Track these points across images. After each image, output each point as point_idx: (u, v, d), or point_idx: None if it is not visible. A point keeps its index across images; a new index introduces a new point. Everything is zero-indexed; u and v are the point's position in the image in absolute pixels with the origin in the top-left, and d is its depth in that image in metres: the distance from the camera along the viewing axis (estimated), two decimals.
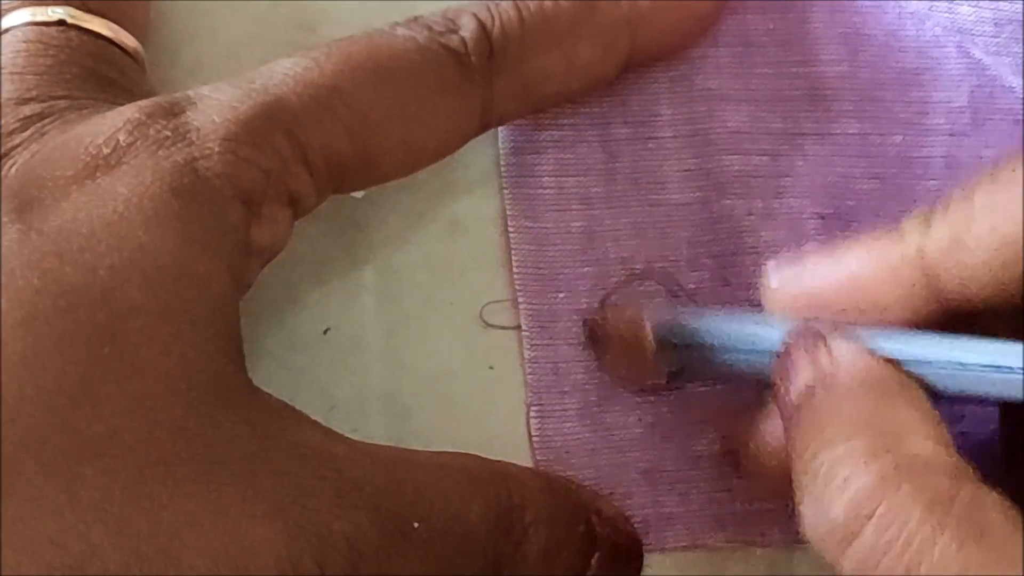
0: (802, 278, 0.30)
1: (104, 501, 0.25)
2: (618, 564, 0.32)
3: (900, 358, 0.28)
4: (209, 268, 0.28)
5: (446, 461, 0.30)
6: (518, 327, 0.35)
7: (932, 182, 0.36)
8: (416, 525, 0.28)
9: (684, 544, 0.34)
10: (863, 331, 0.29)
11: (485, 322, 0.35)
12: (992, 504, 0.25)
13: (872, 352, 0.28)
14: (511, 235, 0.36)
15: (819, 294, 0.30)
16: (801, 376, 0.29)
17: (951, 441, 0.27)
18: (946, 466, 0.26)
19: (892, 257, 0.29)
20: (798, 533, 0.34)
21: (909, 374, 0.28)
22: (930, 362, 0.28)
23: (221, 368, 0.27)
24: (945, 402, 0.28)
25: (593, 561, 0.31)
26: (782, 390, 0.29)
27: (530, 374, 0.35)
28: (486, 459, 0.31)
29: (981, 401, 0.29)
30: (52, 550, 0.24)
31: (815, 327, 0.29)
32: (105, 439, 0.25)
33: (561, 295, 0.35)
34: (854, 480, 0.26)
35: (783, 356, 0.29)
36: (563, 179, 0.36)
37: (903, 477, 0.26)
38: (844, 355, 0.28)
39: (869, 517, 0.26)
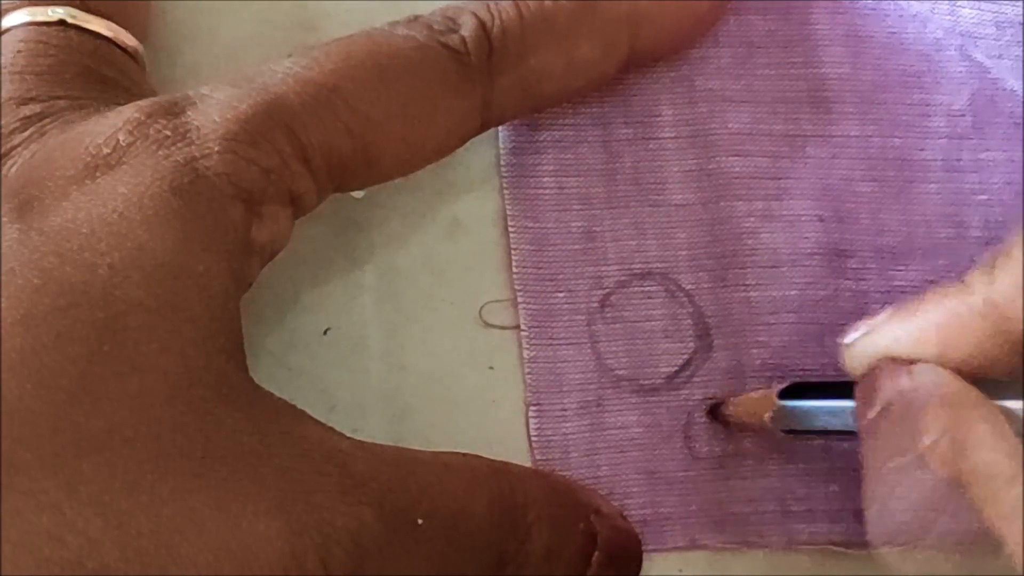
0: (876, 338, 0.31)
1: (103, 496, 0.25)
2: (618, 563, 0.32)
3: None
4: (209, 267, 0.28)
5: (449, 460, 0.30)
6: (518, 327, 0.35)
7: (932, 185, 0.36)
8: (420, 522, 0.28)
9: (683, 544, 0.34)
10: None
11: (485, 322, 0.35)
12: None
13: (952, 374, 0.29)
14: (511, 235, 0.36)
15: (894, 352, 0.30)
16: (881, 395, 0.29)
17: (1020, 454, 0.27)
18: (1015, 478, 0.27)
19: (961, 311, 0.29)
20: (796, 534, 0.34)
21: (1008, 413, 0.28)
22: None
23: (221, 365, 0.27)
24: None
25: (593, 560, 0.31)
26: (862, 410, 0.30)
27: (529, 374, 0.35)
28: (488, 459, 0.31)
29: None
30: (50, 545, 0.24)
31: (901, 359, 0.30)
32: (104, 435, 0.25)
33: (561, 295, 0.35)
34: (922, 485, 0.27)
35: (866, 379, 0.30)
36: (563, 179, 0.36)
37: (971, 485, 0.26)
38: (925, 374, 0.29)
39: (935, 522, 0.26)
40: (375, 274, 0.36)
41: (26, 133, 0.29)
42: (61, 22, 0.32)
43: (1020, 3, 0.35)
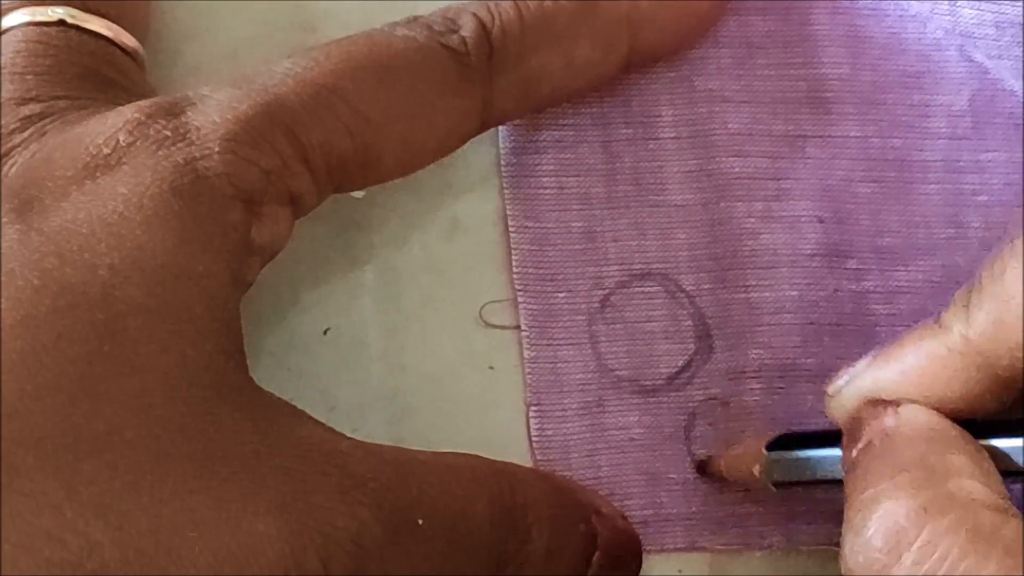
0: (858, 385, 0.30)
1: (104, 497, 0.25)
2: (618, 564, 0.32)
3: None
4: (209, 267, 0.28)
5: (449, 460, 0.30)
6: (517, 327, 0.35)
7: (932, 186, 0.36)
8: (420, 522, 0.28)
9: (683, 546, 0.34)
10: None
11: (485, 322, 0.35)
12: None
13: (936, 413, 0.29)
14: (511, 235, 0.36)
15: (875, 395, 0.30)
16: (866, 433, 0.29)
17: (1003, 488, 0.27)
18: (992, 503, 0.26)
19: (940, 352, 0.29)
20: (796, 535, 0.34)
21: (995, 452, 0.29)
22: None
23: (221, 366, 0.27)
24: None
25: (593, 560, 0.31)
26: (847, 449, 0.29)
27: (529, 374, 0.35)
28: (488, 459, 0.31)
29: None
30: (51, 545, 0.24)
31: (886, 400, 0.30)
32: (104, 436, 0.25)
33: (561, 295, 0.35)
34: (896, 509, 0.26)
35: (853, 420, 0.30)
36: (563, 179, 0.36)
37: (946, 509, 0.26)
38: (908, 413, 0.29)
39: (909, 545, 0.26)
40: (375, 274, 0.36)
41: (26, 133, 0.29)
42: (61, 22, 0.32)
43: (1020, 4, 0.35)
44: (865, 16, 0.37)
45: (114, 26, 0.32)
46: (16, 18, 0.32)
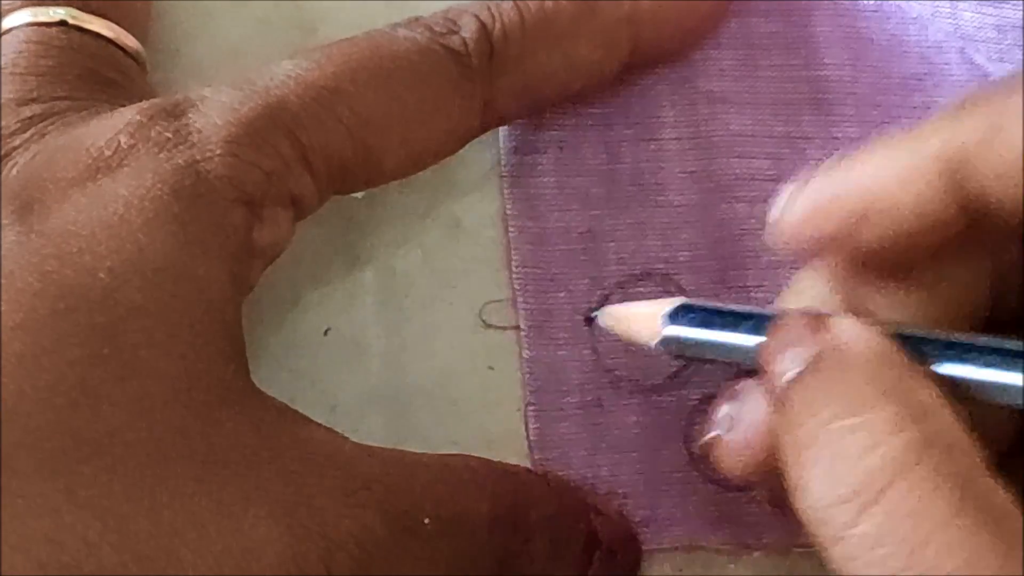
0: (815, 189, 0.27)
1: (103, 500, 0.25)
2: (618, 562, 0.32)
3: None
4: (209, 270, 0.28)
5: (451, 462, 0.30)
6: (517, 327, 0.35)
7: None
8: (426, 522, 0.28)
9: (682, 545, 0.34)
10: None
11: (484, 322, 0.35)
12: (1007, 494, 0.24)
13: (881, 333, 0.26)
14: (511, 235, 0.36)
15: (829, 206, 0.27)
16: (799, 352, 0.26)
17: (973, 426, 0.25)
18: (969, 448, 0.25)
19: (914, 158, 0.26)
20: (796, 536, 0.34)
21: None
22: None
23: (222, 368, 0.27)
24: None
25: (595, 559, 0.32)
26: (773, 366, 0.26)
27: (528, 373, 0.35)
28: (489, 460, 0.31)
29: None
30: (49, 548, 0.24)
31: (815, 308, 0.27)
32: (104, 438, 0.25)
33: (561, 295, 0.35)
34: (875, 449, 0.24)
35: (775, 332, 0.27)
36: (564, 179, 0.36)
37: (928, 451, 0.24)
38: (850, 331, 0.26)
39: (886, 489, 0.24)
40: (375, 274, 0.36)
41: (27, 134, 0.29)
42: (62, 23, 0.32)
43: (1021, 7, 0.35)
44: (866, 18, 0.37)
45: (115, 27, 0.32)
46: (17, 19, 0.32)
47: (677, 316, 0.29)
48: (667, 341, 0.30)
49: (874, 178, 0.26)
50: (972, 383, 0.26)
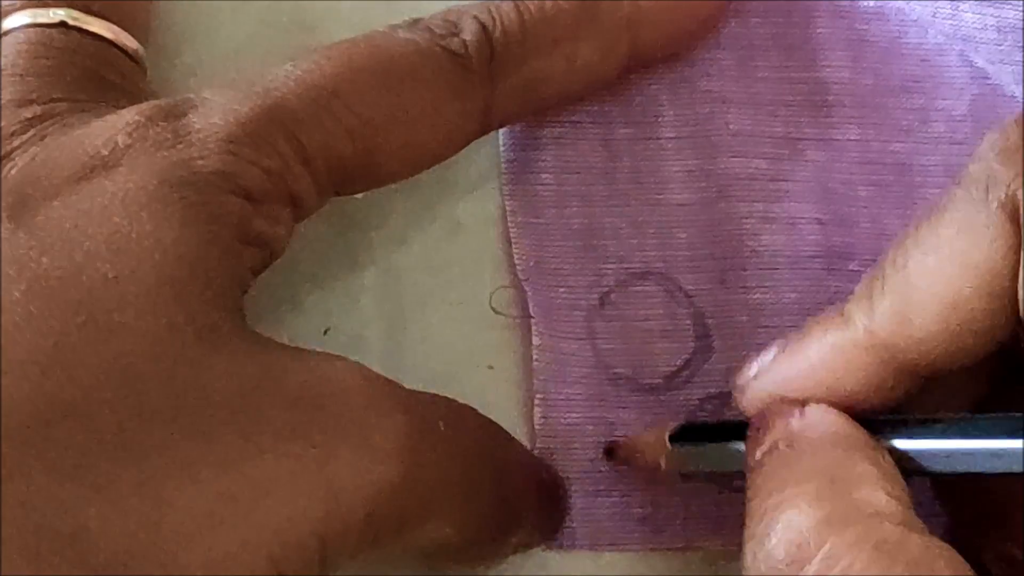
0: (765, 380, 0.30)
1: (78, 458, 0.25)
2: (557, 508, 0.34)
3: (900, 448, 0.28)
4: (185, 232, 0.27)
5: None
6: (524, 315, 0.35)
7: (932, 190, 0.36)
8: (440, 425, 0.29)
9: (681, 545, 0.35)
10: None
11: (493, 309, 0.35)
12: (943, 556, 0.25)
13: (843, 415, 0.29)
14: (511, 230, 0.36)
15: (784, 390, 0.30)
16: (770, 435, 0.29)
17: (910, 500, 0.27)
18: (897, 516, 0.26)
19: (844, 344, 0.29)
20: None
21: (900, 455, 0.28)
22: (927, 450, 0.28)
23: (211, 318, 0.27)
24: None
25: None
26: (752, 448, 0.29)
27: (536, 360, 0.35)
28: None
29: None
30: (21, 512, 0.24)
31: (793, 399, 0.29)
32: (79, 399, 0.25)
33: (561, 290, 0.35)
34: (798, 520, 0.26)
35: (757, 418, 0.30)
36: (564, 176, 0.36)
37: (850, 521, 0.26)
38: (815, 415, 0.29)
39: (811, 558, 0.25)
40: (375, 274, 0.36)
41: (26, 135, 0.29)
42: (62, 24, 0.31)
43: (1022, 8, 0.35)
44: (866, 20, 0.37)
45: (115, 28, 0.32)
46: (17, 20, 0.32)
47: (678, 436, 0.32)
48: (674, 456, 0.32)
49: (812, 369, 0.29)
50: (924, 453, 0.28)
